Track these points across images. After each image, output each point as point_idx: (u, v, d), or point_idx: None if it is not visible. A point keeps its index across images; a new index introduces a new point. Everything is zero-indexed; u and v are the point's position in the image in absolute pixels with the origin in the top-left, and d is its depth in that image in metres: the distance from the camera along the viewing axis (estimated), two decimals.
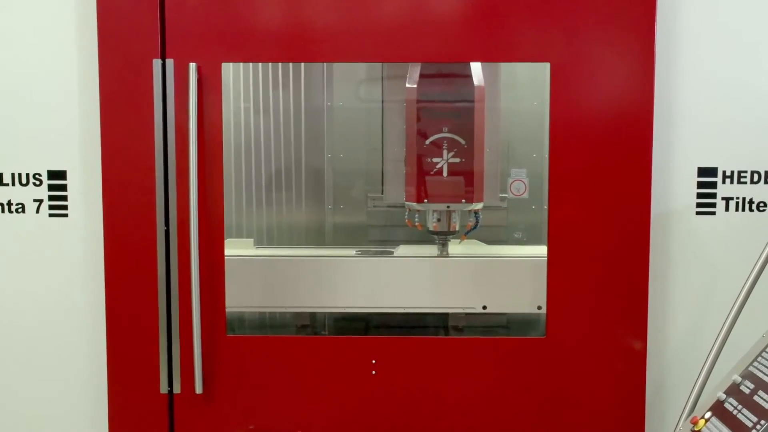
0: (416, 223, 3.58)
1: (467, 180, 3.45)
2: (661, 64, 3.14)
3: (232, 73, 3.88)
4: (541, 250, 3.29)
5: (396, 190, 3.58)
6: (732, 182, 3.24)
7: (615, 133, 3.16)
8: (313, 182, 3.98)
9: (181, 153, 3.17)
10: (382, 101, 3.64)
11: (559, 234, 3.16)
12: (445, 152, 3.44)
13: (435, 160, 3.44)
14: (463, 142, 3.43)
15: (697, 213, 3.26)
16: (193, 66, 3.14)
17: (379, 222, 3.88)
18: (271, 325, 3.91)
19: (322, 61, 3.68)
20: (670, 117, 3.22)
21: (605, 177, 3.15)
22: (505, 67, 3.62)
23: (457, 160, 3.44)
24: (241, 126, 3.97)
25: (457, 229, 3.56)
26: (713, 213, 3.25)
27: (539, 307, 3.33)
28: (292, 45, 3.18)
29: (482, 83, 3.41)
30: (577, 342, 3.22)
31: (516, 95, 3.79)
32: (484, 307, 3.44)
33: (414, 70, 3.43)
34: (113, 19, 3.11)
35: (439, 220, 3.55)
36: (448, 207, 3.48)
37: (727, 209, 3.25)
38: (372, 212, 3.89)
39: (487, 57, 3.30)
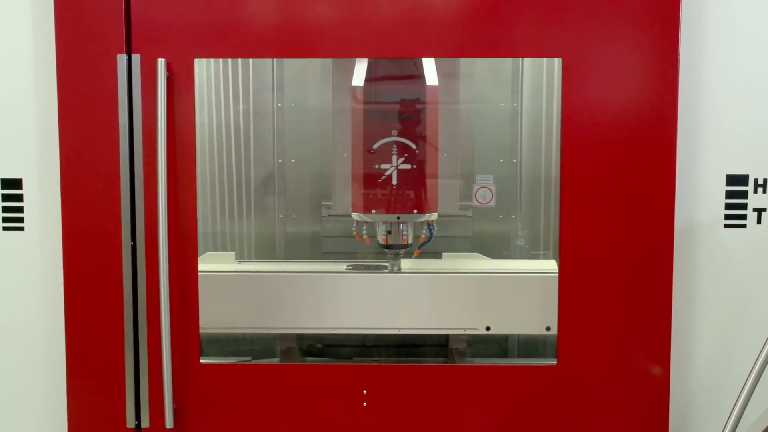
0: (364, 236, 3.34)
1: (419, 188, 3.23)
2: (686, 61, 2.93)
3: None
4: (550, 265, 3.15)
5: (345, 199, 3.34)
6: (765, 191, 3.03)
7: (635, 135, 2.93)
8: (263, 189, 3.76)
9: (149, 158, 2.94)
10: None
11: (571, 247, 2.98)
12: (394, 158, 3.20)
13: (384, 166, 3.19)
14: (414, 146, 3.19)
15: (726, 225, 3.05)
16: (161, 62, 2.90)
17: (334, 232, 3.64)
18: (251, 349, 3.66)
19: (305, 57, 3.38)
20: (696, 118, 3.00)
21: (624, 184, 2.96)
22: (464, 64, 3.39)
23: (408, 166, 3.20)
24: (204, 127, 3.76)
25: (409, 242, 3.32)
26: (743, 225, 3.04)
27: (548, 328, 3.15)
28: (273, 40, 2.96)
29: (436, 82, 3.18)
30: (592, 368, 3.03)
31: (481, 95, 3.62)
32: (488, 328, 3.24)
33: (360, 67, 3.18)
34: (73, 11, 2.91)
35: (389, 232, 3.30)
36: (398, 218, 3.24)
37: (759, 221, 3.04)
38: (327, 222, 3.66)
39: (493, 52, 3.09)
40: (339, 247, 3.62)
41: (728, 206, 3.04)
